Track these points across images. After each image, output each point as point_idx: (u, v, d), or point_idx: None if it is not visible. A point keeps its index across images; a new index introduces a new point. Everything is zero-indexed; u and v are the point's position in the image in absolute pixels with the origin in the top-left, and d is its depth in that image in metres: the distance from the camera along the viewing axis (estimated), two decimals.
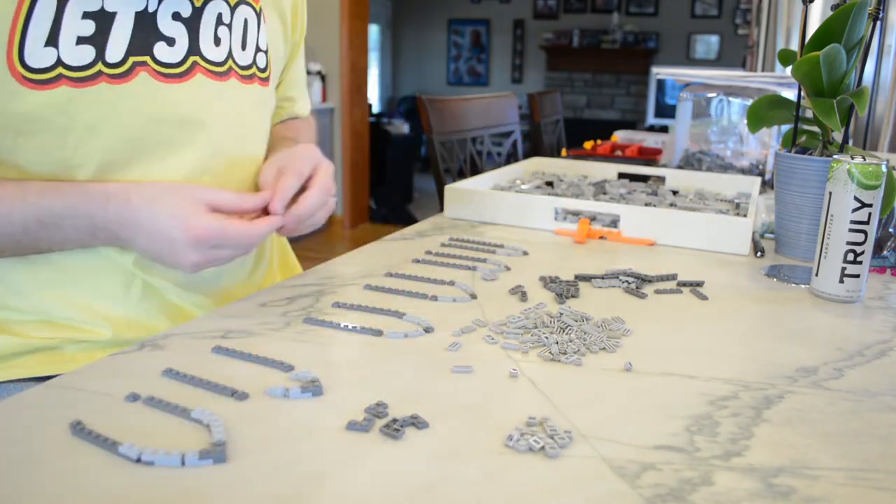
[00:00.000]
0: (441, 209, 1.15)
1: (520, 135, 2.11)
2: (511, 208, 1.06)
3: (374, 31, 7.80)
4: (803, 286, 0.81)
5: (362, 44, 4.67)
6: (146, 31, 0.68)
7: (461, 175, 1.80)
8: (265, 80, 0.81)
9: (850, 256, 0.75)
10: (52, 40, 0.63)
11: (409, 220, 4.57)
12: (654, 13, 7.25)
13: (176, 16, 0.70)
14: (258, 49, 0.79)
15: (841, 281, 0.75)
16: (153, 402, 0.50)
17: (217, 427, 0.46)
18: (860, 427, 0.50)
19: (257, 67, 0.79)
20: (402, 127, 6.22)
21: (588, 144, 1.96)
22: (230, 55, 0.75)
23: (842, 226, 0.74)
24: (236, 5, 0.76)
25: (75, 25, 0.64)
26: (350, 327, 0.64)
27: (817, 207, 0.87)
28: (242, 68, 0.77)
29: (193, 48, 0.71)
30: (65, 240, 0.66)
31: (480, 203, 1.08)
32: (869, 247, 0.75)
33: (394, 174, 5.50)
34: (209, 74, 0.73)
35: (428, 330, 0.64)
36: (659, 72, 2.10)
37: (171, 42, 0.69)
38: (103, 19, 0.65)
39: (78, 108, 0.65)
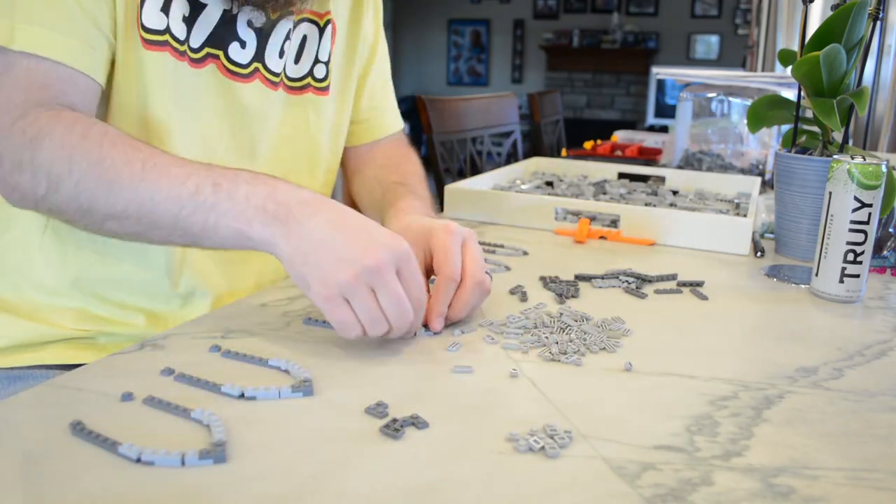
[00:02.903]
0: (441, 209, 1.15)
1: (520, 135, 2.11)
2: (511, 208, 1.06)
3: None
4: (803, 286, 0.81)
5: None
6: (226, 28, 0.72)
7: (461, 175, 1.80)
8: (323, 90, 0.85)
9: (850, 256, 0.75)
10: (165, 8, 0.68)
11: None
12: (654, 13, 7.25)
13: (250, 23, 0.74)
14: (317, 61, 0.83)
15: (841, 281, 0.75)
16: (153, 402, 0.50)
17: (217, 427, 0.46)
18: (860, 427, 0.50)
19: (313, 77, 0.83)
20: None
21: (588, 144, 1.96)
22: (284, 68, 0.80)
23: (842, 226, 0.74)
24: (298, 23, 0.80)
25: (181, 2, 0.69)
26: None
27: (817, 207, 0.87)
28: (293, 80, 0.81)
29: (259, 55, 0.76)
30: (223, 215, 0.58)
31: (480, 203, 1.08)
32: (869, 247, 0.75)
33: None
34: (266, 82, 0.77)
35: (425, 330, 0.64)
36: (659, 72, 2.10)
37: (243, 44, 0.74)
38: (196, 7, 0.70)
39: (170, 79, 0.70)
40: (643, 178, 1.32)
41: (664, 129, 4.06)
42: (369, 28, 0.93)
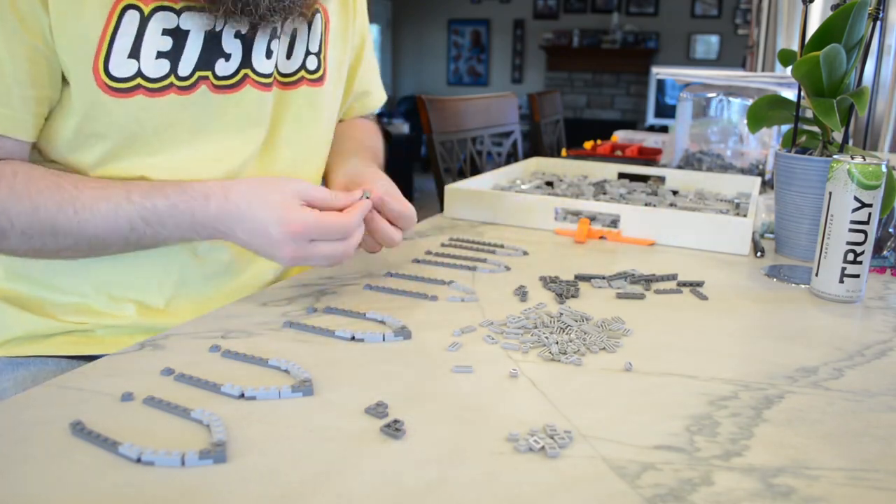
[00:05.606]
0: (441, 209, 1.15)
1: (520, 135, 2.11)
2: (511, 208, 1.06)
3: (374, 31, 7.80)
4: (803, 286, 0.81)
5: None
6: (212, 48, 0.72)
7: (461, 175, 1.80)
8: (317, 81, 0.84)
9: (850, 256, 0.75)
10: (135, 53, 0.68)
11: None
12: (654, 13, 7.25)
13: (237, 34, 0.74)
14: (308, 53, 0.83)
15: (841, 281, 0.75)
16: (153, 402, 0.50)
17: (217, 427, 0.46)
18: (860, 427, 0.50)
19: (305, 70, 0.83)
20: (402, 127, 6.22)
21: (588, 144, 1.96)
22: (276, 66, 0.79)
23: (842, 226, 0.74)
24: (286, 19, 0.79)
25: (156, 41, 0.69)
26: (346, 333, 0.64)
27: (817, 207, 0.87)
28: (285, 76, 0.81)
29: (246, 62, 0.76)
30: (168, 236, 0.69)
31: (480, 203, 1.08)
32: (869, 247, 0.75)
33: (394, 174, 5.48)
34: (256, 85, 0.77)
35: (405, 333, 0.63)
36: (659, 72, 2.10)
37: (227, 58, 0.74)
38: (178, 36, 0.70)
39: (149, 115, 0.70)
40: (643, 178, 1.32)
41: (664, 129, 4.06)
42: (361, 18, 0.94)
